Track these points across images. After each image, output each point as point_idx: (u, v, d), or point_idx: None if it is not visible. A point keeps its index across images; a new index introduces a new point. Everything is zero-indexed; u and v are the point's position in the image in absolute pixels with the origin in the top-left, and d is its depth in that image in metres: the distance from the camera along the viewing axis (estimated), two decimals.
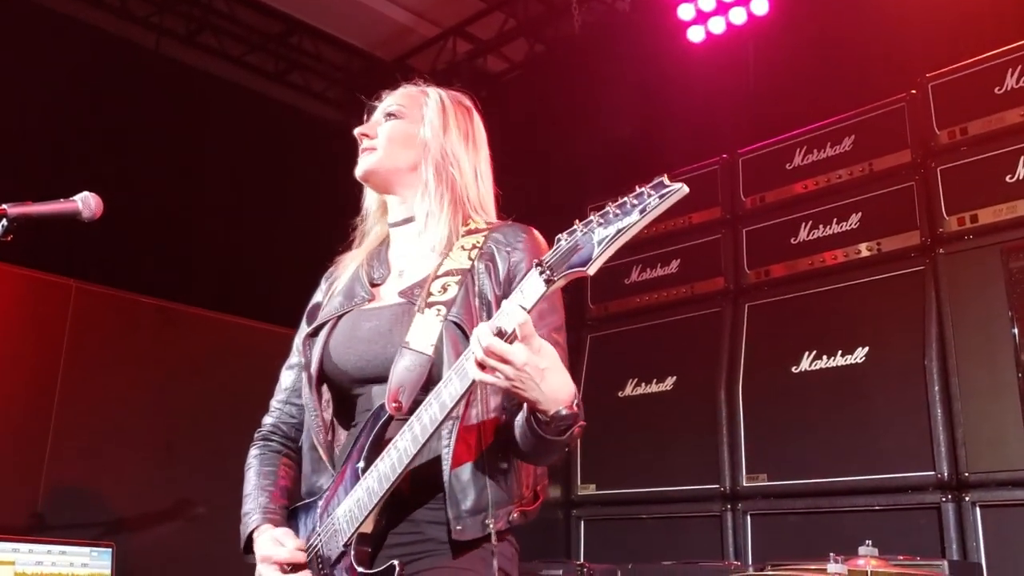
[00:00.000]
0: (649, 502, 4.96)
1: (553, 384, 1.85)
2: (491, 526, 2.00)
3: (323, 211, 2.49)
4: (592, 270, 1.78)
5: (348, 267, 2.38)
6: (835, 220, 4.69)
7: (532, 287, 1.82)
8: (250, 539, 2.17)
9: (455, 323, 2.05)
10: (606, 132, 6.02)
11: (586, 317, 5.61)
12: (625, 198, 1.78)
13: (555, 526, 5.39)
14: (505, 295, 2.02)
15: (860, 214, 4.61)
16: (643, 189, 1.78)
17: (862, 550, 3.10)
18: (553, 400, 1.86)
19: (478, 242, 2.20)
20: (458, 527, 1.99)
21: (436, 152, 2.31)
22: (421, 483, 2.04)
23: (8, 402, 4.48)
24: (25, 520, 4.40)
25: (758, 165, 5.08)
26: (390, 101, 2.41)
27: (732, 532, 4.62)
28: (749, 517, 4.59)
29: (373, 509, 1.99)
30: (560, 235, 1.83)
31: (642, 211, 1.77)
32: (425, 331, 2.07)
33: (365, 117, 2.44)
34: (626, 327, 5.40)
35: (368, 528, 2.03)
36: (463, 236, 2.23)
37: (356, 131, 2.36)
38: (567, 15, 6.58)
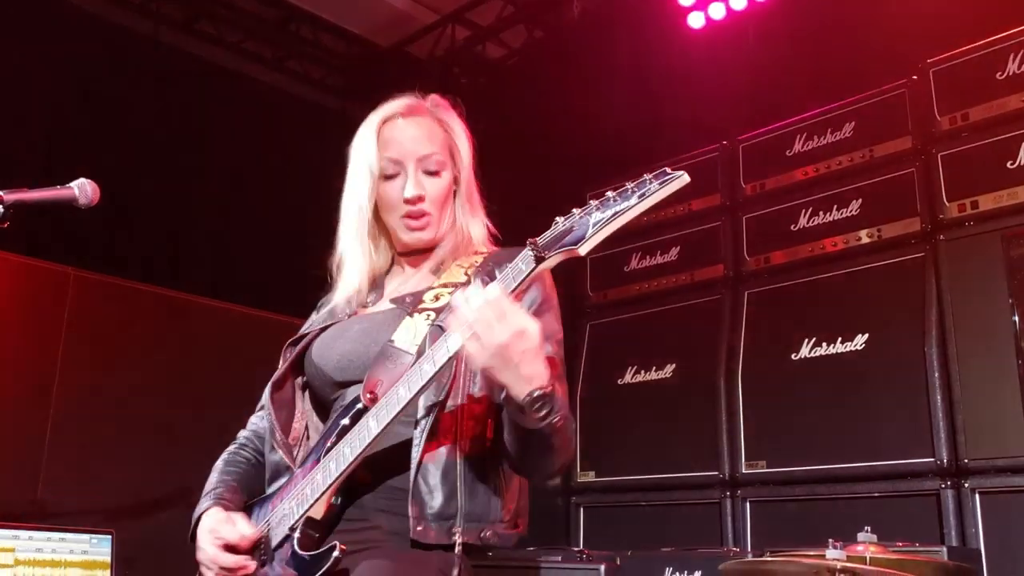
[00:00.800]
0: (648, 489, 4.96)
1: (532, 367, 1.80)
2: (457, 535, 1.92)
3: (321, 198, 2.46)
4: (584, 249, 1.76)
5: (339, 294, 2.32)
6: (835, 207, 4.67)
7: (521, 265, 1.80)
8: (198, 524, 2.11)
9: (441, 328, 1.97)
10: (606, 119, 5.99)
11: (585, 305, 5.61)
12: (627, 184, 1.76)
13: (554, 513, 5.39)
14: None
15: (860, 200, 4.59)
16: (646, 176, 1.76)
17: (861, 536, 3.10)
18: (527, 381, 1.79)
19: (476, 262, 2.20)
20: (419, 527, 1.91)
21: (466, 193, 2.29)
22: (381, 471, 1.98)
23: (7, 390, 4.48)
24: (25, 507, 4.40)
25: (758, 151, 5.07)
26: (423, 147, 2.25)
27: (731, 519, 4.62)
28: (748, 504, 4.59)
29: (326, 490, 1.93)
30: (558, 217, 1.82)
31: (641, 196, 1.75)
32: (411, 332, 2.04)
33: (379, 130, 2.28)
34: (626, 314, 5.39)
35: (318, 513, 1.97)
36: (462, 258, 2.22)
37: (407, 196, 2.22)
38: (566, 1, 6.55)
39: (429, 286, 2.17)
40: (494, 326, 1.75)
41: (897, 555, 3.11)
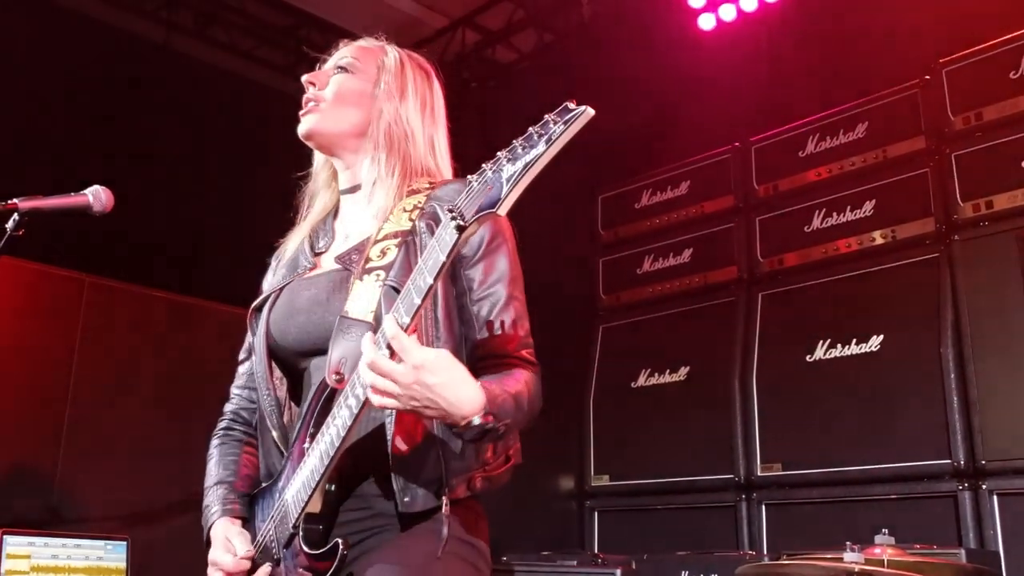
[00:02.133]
0: (663, 492, 4.95)
1: (454, 397, 1.74)
2: (444, 496, 1.90)
3: None
4: (502, 210, 1.65)
5: (294, 240, 2.28)
6: (849, 208, 4.66)
7: (446, 236, 1.70)
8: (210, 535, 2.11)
9: (394, 288, 1.91)
10: (616, 122, 5.98)
11: (598, 307, 5.60)
12: (531, 128, 1.65)
13: (569, 517, 5.38)
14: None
15: (874, 201, 4.58)
16: (548, 117, 1.64)
17: (878, 539, 3.08)
18: (460, 414, 1.75)
19: (419, 202, 2.07)
20: (405, 498, 1.89)
21: (389, 116, 2.16)
22: (366, 455, 1.94)
23: (23, 397, 4.49)
24: (40, 514, 4.41)
25: (771, 153, 5.06)
26: (344, 52, 2.24)
27: (747, 522, 4.61)
28: (764, 507, 4.58)
29: (316, 487, 1.91)
30: (470, 176, 1.71)
31: (548, 141, 1.62)
32: (363, 298, 1.96)
33: (318, 67, 2.26)
34: (639, 317, 5.38)
35: (316, 507, 1.95)
36: (403, 199, 2.10)
37: (304, 77, 2.18)
38: (576, 4, 6.54)
39: (374, 237, 2.06)
40: (389, 387, 1.72)
41: (915, 557, 3.09)
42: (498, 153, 1.67)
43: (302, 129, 2.20)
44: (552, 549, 4.49)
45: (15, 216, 2.31)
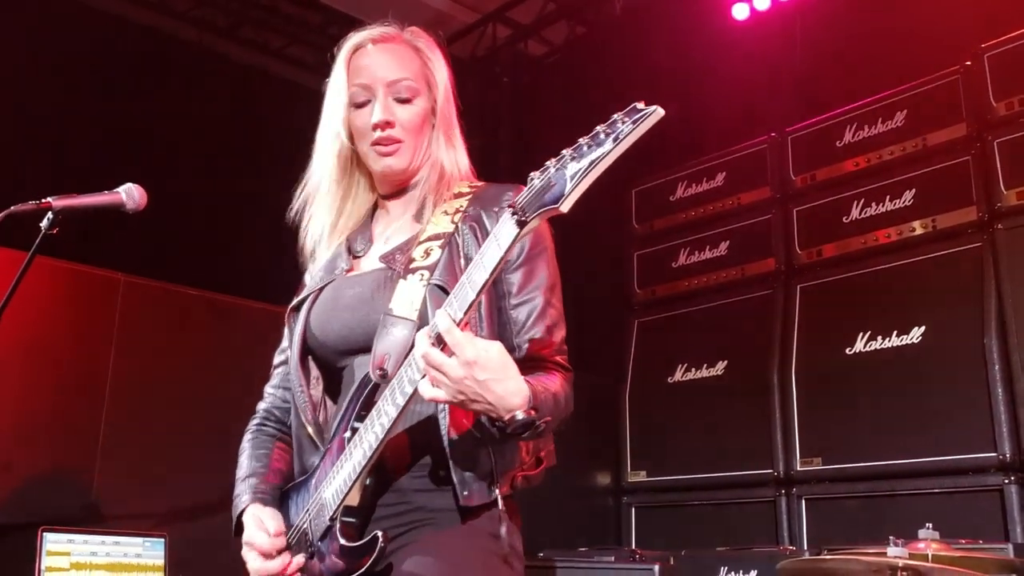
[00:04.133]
0: (701, 488, 4.91)
1: (502, 391, 1.76)
2: (496, 491, 1.93)
3: None
4: (565, 207, 1.65)
5: (328, 243, 2.27)
6: (888, 197, 4.58)
7: (505, 231, 1.71)
8: (241, 521, 2.12)
9: (439, 286, 1.95)
10: None
11: (633, 302, 5.56)
12: (598, 128, 1.64)
13: (606, 513, 5.36)
14: None
15: (914, 191, 4.50)
16: (617, 116, 1.64)
17: (922, 533, 3.03)
18: (506, 407, 1.77)
19: (462, 206, 2.10)
20: (464, 492, 1.91)
21: (443, 123, 2.20)
22: (408, 449, 1.97)
23: (60, 396, 4.52)
24: (79, 511, 4.44)
25: (807, 143, 4.98)
26: (393, 72, 2.17)
27: (786, 517, 4.55)
28: (804, 502, 4.52)
29: (357, 479, 1.92)
30: (533, 173, 1.70)
31: (615, 139, 1.62)
32: (408, 297, 1.99)
33: (350, 58, 2.24)
34: (675, 311, 5.34)
35: (354, 500, 1.96)
36: (446, 202, 2.13)
37: (375, 121, 2.12)
38: None
39: (416, 237, 2.09)
40: (441, 378, 1.74)
41: (960, 552, 3.03)
42: (563, 151, 1.66)
43: (389, 168, 2.16)
44: (589, 545, 4.46)
45: (49, 215, 2.32)
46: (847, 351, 4.48)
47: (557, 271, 2.11)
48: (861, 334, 4.45)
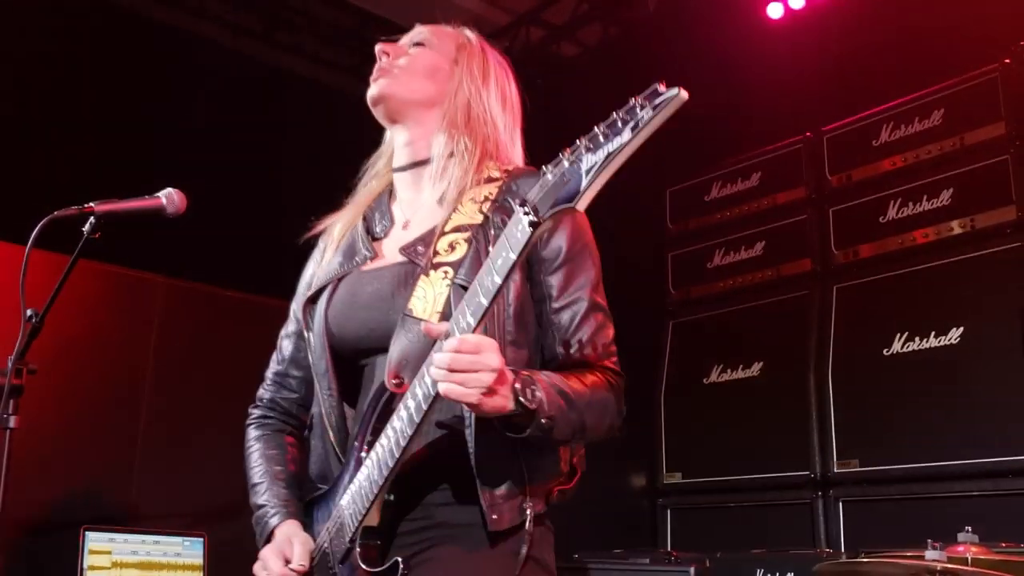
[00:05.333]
0: (737, 490, 4.89)
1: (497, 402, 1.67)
2: (528, 511, 1.81)
3: None
4: (581, 205, 1.51)
5: (343, 219, 2.16)
6: (925, 197, 4.53)
7: (517, 234, 1.56)
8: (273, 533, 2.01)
9: (463, 287, 1.77)
10: (684, 113, 5.90)
11: (667, 303, 5.54)
12: (614, 114, 1.48)
13: (641, 515, 5.35)
14: (534, 255, 1.89)
15: (951, 190, 4.45)
16: (635, 101, 1.47)
17: (961, 537, 2.99)
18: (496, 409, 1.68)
19: (491, 193, 1.93)
20: (494, 516, 1.78)
21: (469, 93, 2.05)
22: (432, 463, 1.83)
23: (100, 396, 4.59)
24: (119, 510, 4.51)
25: (843, 142, 4.95)
26: (420, 30, 2.17)
27: (823, 519, 4.53)
28: (841, 504, 4.49)
29: (375, 500, 1.79)
30: (545, 167, 1.57)
31: (634, 128, 1.45)
32: (429, 296, 1.84)
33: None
34: (710, 312, 5.32)
35: (374, 521, 1.84)
36: (475, 187, 1.95)
37: (378, 47, 2.10)
38: None
39: (440, 228, 1.92)
40: (475, 374, 1.63)
41: (1001, 556, 2.99)
42: (577, 140, 1.53)
43: (372, 92, 2.08)
44: (625, 547, 4.45)
45: (91, 219, 2.36)
46: (884, 352, 4.44)
47: (599, 266, 1.98)
48: (899, 335, 4.41)
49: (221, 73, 6.55)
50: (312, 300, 2.08)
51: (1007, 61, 4.36)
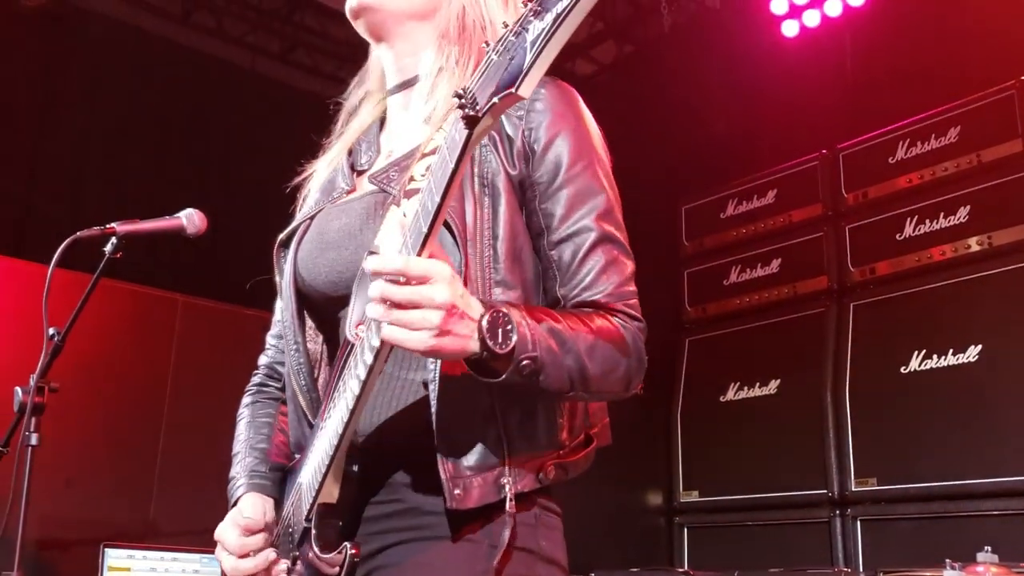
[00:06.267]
0: (754, 508, 4.86)
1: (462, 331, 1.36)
2: (507, 487, 1.46)
3: None
4: (526, 89, 1.19)
5: (327, 157, 1.88)
6: (942, 214, 4.52)
7: (455, 135, 1.27)
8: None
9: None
10: (700, 131, 5.93)
11: (684, 320, 5.53)
12: None
13: (657, 533, 5.33)
14: (525, 176, 1.57)
15: (969, 207, 4.44)
16: None
17: (981, 556, 2.98)
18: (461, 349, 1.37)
19: None
20: (456, 491, 1.44)
21: (457, 14, 1.69)
22: (397, 430, 1.53)
23: (119, 414, 4.63)
24: (139, 528, 4.53)
25: (859, 160, 4.94)
26: None
27: (841, 538, 4.50)
28: (859, 523, 4.46)
29: (327, 473, 1.50)
30: (485, 45, 1.26)
31: None
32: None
33: None
34: (726, 330, 5.31)
35: (331, 497, 1.53)
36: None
37: None
38: (656, 15, 6.51)
39: (419, 149, 1.60)
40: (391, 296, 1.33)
41: None
42: (522, 7, 1.22)
43: (351, 3, 1.75)
44: (641, 566, 4.44)
45: (113, 240, 2.39)
46: (902, 370, 4.42)
47: (614, 186, 1.65)
48: (916, 353, 4.39)
49: (241, 93, 6.62)
50: (284, 244, 1.80)
51: (1023, 78, 4.35)
